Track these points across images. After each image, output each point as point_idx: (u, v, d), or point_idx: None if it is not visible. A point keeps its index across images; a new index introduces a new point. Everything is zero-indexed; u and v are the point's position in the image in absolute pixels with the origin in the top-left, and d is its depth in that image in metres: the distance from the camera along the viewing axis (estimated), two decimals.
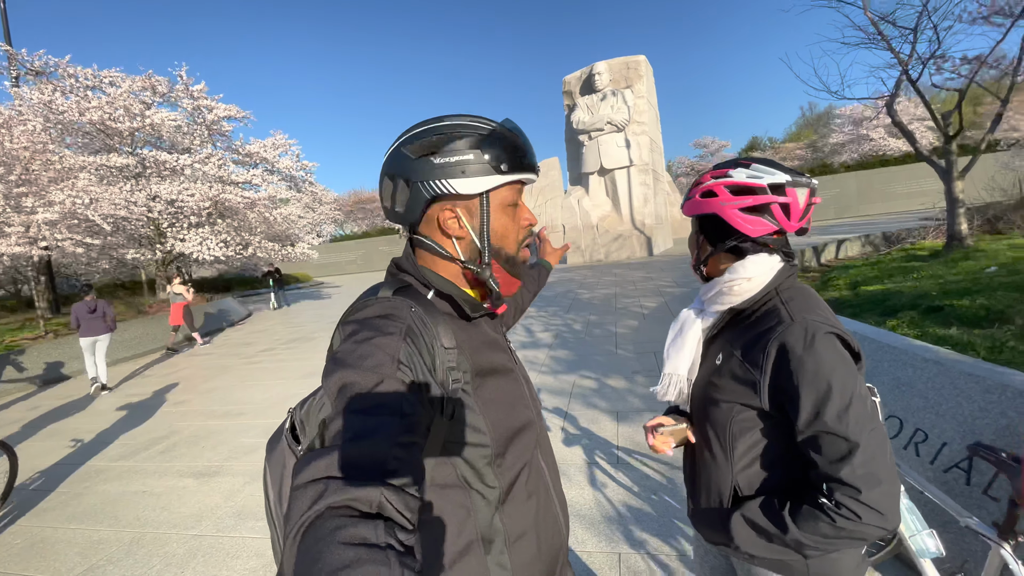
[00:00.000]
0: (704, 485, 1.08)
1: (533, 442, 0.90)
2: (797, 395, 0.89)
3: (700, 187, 1.07)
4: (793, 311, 0.95)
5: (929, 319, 3.90)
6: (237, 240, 15.42)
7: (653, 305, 8.99)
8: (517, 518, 0.84)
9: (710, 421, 1.05)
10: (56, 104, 12.18)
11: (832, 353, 0.89)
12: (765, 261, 1.02)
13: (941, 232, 8.77)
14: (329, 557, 0.46)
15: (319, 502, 0.52)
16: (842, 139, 33.12)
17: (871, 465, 0.84)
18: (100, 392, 7.49)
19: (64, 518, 3.60)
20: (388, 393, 0.65)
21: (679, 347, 1.13)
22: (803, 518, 0.89)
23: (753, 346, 0.97)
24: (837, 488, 0.85)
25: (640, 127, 19.54)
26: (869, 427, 0.86)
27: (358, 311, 0.79)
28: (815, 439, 0.89)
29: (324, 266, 37.88)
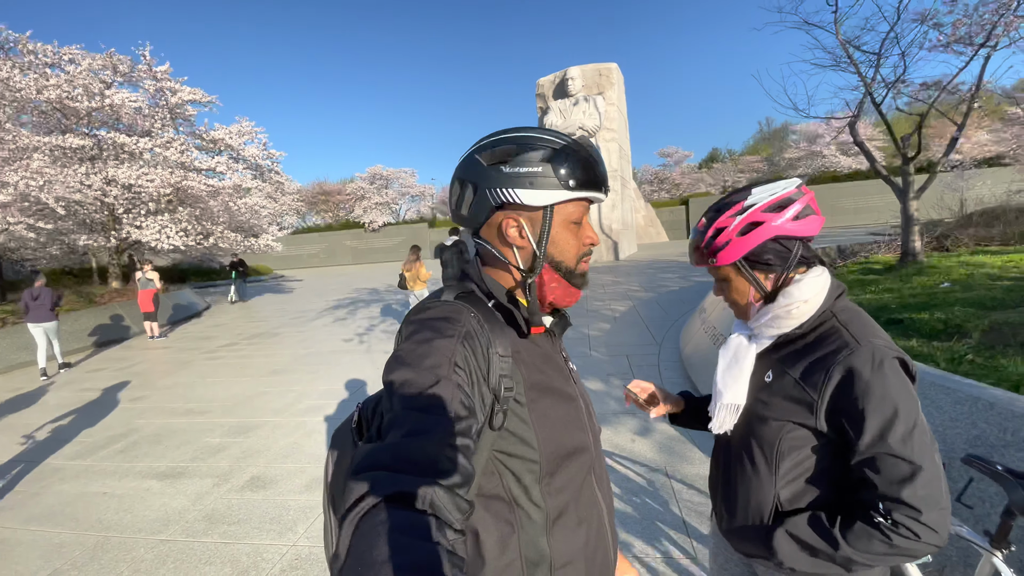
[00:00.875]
0: (743, 500, 1.09)
1: (587, 468, 0.89)
2: (862, 418, 0.91)
3: (729, 231, 1.05)
4: (857, 335, 0.97)
5: (890, 331, 4.13)
6: (198, 229, 14.80)
7: (623, 308, 9.16)
8: (565, 544, 0.83)
9: (756, 437, 1.07)
10: (14, 82, 11.37)
11: (898, 378, 0.92)
12: (817, 281, 1.04)
13: (893, 247, 9.26)
14: (383, 546, 0.49)
15: (375, 491, 0.54)
16: (797, 155, 34.76)
17: (931, 487, 0.88)
18: (59, 371, 8.09)
19: (23, 519, 3.38)
20: (443, 394, 0.67)
21: (736, 377, 1.11)
22: (856, 536, 0.92)
23: (813, 368, 0.98)
24: (896, 508, 0.88)
25: (610, 134, 19.89)
26: (931, 452, 0.90)
27: (420, 312, 0.82)
28: (875, 460, 0.91)
29: (285, 259, 36.81)
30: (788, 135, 40.50)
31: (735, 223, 1.05)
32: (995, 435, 2.04)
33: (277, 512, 3.25)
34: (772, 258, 1.05)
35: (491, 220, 0.85)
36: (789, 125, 41.08)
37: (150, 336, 10.72)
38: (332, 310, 12.92)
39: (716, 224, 1.07)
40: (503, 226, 0.84)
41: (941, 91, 6.51)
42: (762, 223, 1.03)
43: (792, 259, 1.04)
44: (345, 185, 44.93)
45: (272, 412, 5.28)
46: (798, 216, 1.02)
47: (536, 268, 0.85)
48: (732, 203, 1.07)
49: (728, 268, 1.10)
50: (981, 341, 3.45)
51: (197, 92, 15.33)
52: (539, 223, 0.84)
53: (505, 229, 0.84)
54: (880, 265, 8.20)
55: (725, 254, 1.07)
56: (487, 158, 0.82)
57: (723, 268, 1.10)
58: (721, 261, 1.08)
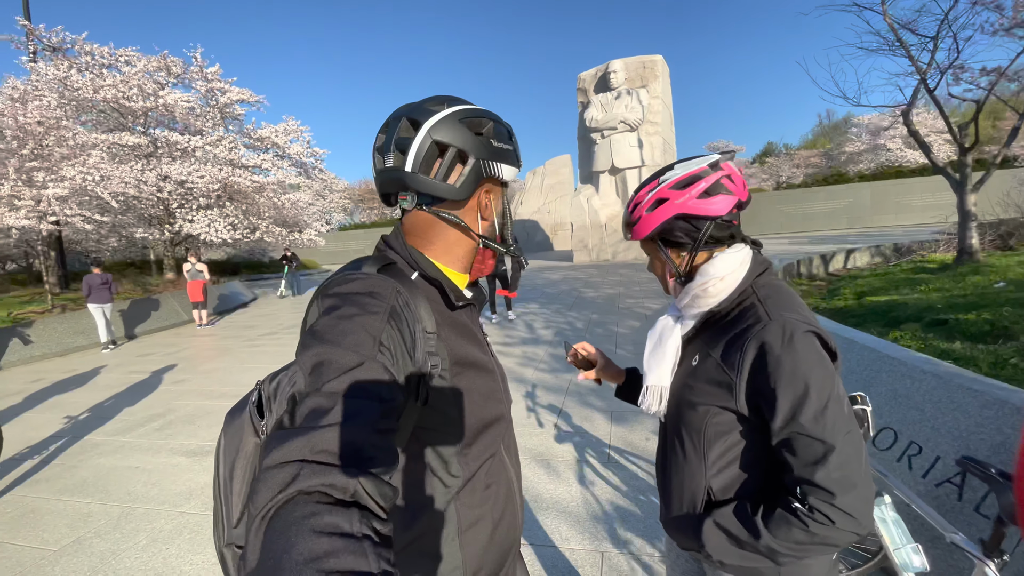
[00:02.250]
0: (676, 489, 1.05)
1: (501, 435, 0.91)
2: (774, 396, 0.86)
3: (641, 206, 1.04)
4: (770, 309, 0.92)
5: (933, 332, 3.85)
6: (245, 224, 15.48)
7: (656, 307, 8.93)
8: (472, 506, 0.84)
9: (684, 424, 1.02)
10: (71, 81, 12.25)
11: (811, 353, 0.86)
12: (735, 256, 0.99)
13: (952, 245, 8.64)
14: (301, 546, 0.43)
15: (291, 486, 0.49)
16: (858, 148, 32.77)
17: (846, 468, 0.82)
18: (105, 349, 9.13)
19: (56, 490, 3.63)
20: (367, 375, 0.62)
21: (660, 357, 1.09)
22: (776, 524, 0.87)
23: (730, 347, 0.94)
24: (811, 492, 0.83)
25: (654, 127, 19.39)
26: (845, 430, 0.84)
27: (339, 285, 0.75)
28: (790, 441, 0.86)
29: (333, 254, 37.97)
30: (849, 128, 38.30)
31: (647, 198, 1.03)
32: None
33: None
34: (682, 236, 1.02)
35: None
36: (851, 117, 38.86)
37: (198, 324, 11.30)
38: None
39: (635, 198, 1.06)
40: (480, 198, 0.86)
41: (1000, 77, 5.99)
42: (667, 200, 1.00)
43: (701, 238, 1.00)
44: None
45: None
46: (706, 193, 0.98)
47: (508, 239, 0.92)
48: (650, 179, 1.05)
49: (647, 243, 1.09)
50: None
51: (245, 92, 16.02)
52: (500, 198, 0.89)
53: (482, 201, 0.86)
54: (935, 264, 7.69)
55: (638, 228, 1.06)
56: (475, 127, 0.82)
57: (644, 243, 1.10)
58: (635, 236, 1.07)
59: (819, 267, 9.94)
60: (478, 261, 0.91)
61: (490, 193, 0.86)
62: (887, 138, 30.36)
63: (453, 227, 0.85)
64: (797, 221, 26.26)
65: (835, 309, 5.65)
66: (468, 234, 0.86)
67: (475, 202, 0.85)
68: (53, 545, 2.91)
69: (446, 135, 0.79)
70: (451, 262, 0.88)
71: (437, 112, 0.80)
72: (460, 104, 0.83)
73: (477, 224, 0.87)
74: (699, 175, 0.99)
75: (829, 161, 36.24)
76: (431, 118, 0.79)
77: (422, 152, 0.79)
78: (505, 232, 0.92)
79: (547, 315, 8.90)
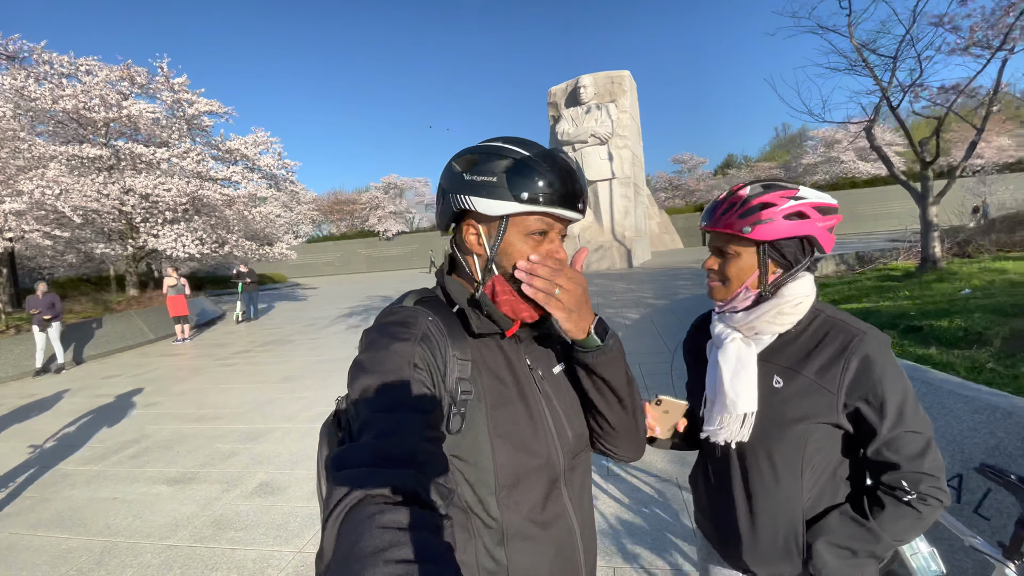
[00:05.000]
0: (766, 518, 1.04)
1: (551, 481, 0.85)
2: (883, 400, 0.94)
3: (776, 209, 1.00)
4: (853, 324, 1.00)
5: (909, 338, 4.02)
6: (213, 238, 15.03)
7: (635, 316, 9.07)
8: (524, 558, 0.80)
9: (775, 446, 1.03)
10: (29, 91, 11.70)
11: (896, 359, 0.97)
12: (809, 280, 1.05)
13: (913, 254, 9.08)
14: (368, 539, 0.50)
15: (357, 489, 0.56)
16: (814, 160, 34.38)
17: (938, 453, 0.94)
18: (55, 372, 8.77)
19: (30, 524, 3.41)
20: (409, 391, 0.70)
21: (745, 383, 1.04)
22: (890, 520, 0.95)
23: (828, 363, 0.99)
24: (922, 480, 0.92)
25: (623, 141, 19.89)
26: (928, 420, 0.96)
27: (380, 320, 0.84)
28: (897, 440, 0.94)
29: (301, 267, 37.20)
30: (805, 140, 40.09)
31: (786, 205, 1.01)
32: (1014, 444, 1.97)
33: (284, 519, 3.24)
34: (790, 254, 1.03)
35: (457, 227, 0.87)
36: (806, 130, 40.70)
37: (180, 339, 11.02)
38: (345, 317, 13.00)
39: (764, 198, 1.02)
40: (464, 232, 0.86)
41: (959, 94, 6.40)
42: (808, 218, 1.01)
43: (803, 264, 1.04)
44: (360, 194, 45.45)
45: (283, 419, 5.30)
46: (832, 230, 1.04)
47: (483, 277, 0.84)
48: (783, 186, 1.04)
49: (746, 244, 1.04)
50: (1002, 349, 3.34)
51: (214, 103, 15.63)
52: (494, 233, 0.83)
53: (465, 235, 0.85)
54: (899, 272, 8.05)
55: (764, 229, 1.00)
56: (458, 164, 0.83)
57: (741, 240, 1.04)
58: (756, 235, 1.01)
59: None
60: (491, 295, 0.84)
61: (478, 227, 0.83)
62: (840, 151, 31.96)
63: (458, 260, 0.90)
64: None
65: None
66: (460, 266, 0.89)
67: (460, 236, 0.87)
68: None
69: (442, 178, 0.86)
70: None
71: None
72: (481, 144, 0.85)
73: (472, 259, 0.86)
74: (833, 210, 1.03)
75: (787, 172, 37.81)
76: None
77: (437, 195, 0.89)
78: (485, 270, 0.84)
79: None
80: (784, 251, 1.02)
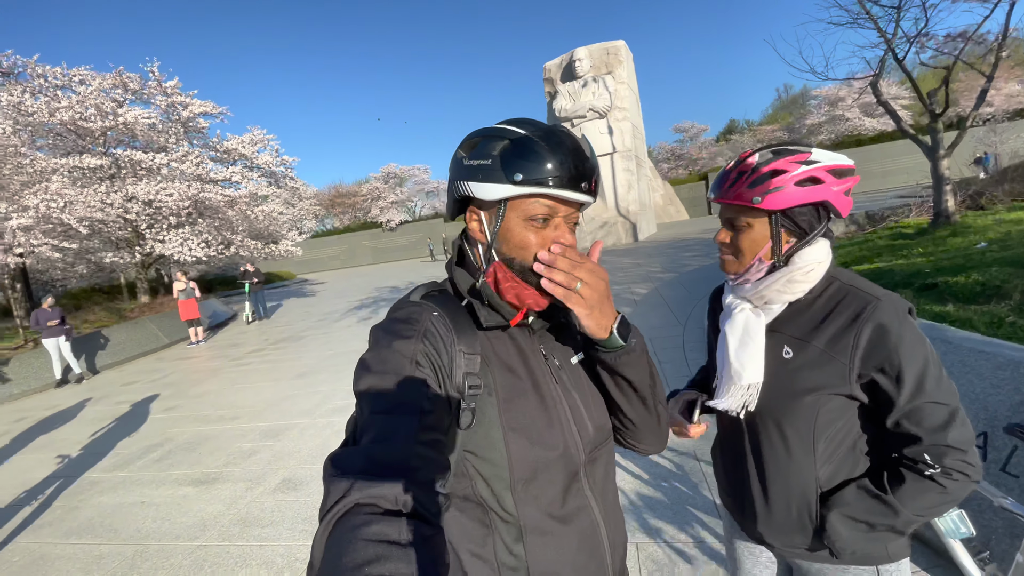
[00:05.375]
0: (779, 489, 1.03)
1: (570, 474, 0.82)
2: (899, 371, 0.89)
3: (787, 176, 0.95)
4: (869, 290, 0.96)
5: (924, 296, 3.95)
6: (219, 239, 15.09)
7: (644, 291, 9.02)
8: (545, 552, 0.78)
9: (786, 417, 1.00)
10: (25, 106, 11.70)
11: (916, 326, 0.92)
12: (824, 245, 1.01)
13: (925, 209, 8.90)
14: (352, 553, 0.49)
15: (346, 497, 0.55)
16: (818, 120, 33.65)
17: (966, 424, 0.89)
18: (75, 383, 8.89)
19: (62, 533, 3.49)
20: (407, 392, 0.69)
21: (752, 354, 1.02)
22: (910, 495, 0.91)
23: (840, 332, 0.95)
24: (947, 453, 0.88)
25: (622, 113, 19.54)
26: (954, 390, 0.91)
27: (388, 316, 0.83)
28: (917, 411, 0.90)
29: (307, 262, 37.36)
30: (808, 100, 39.18)
31: (798, 170, 0.96)
32: None
33: (309, 512, 3.29)
34: (805, 222, 0.99)
35: (465, 215, 0.84)
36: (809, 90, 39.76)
37: (194, 341, 11.17)
38: (355, 310, 13.07)
39: (774, 164, 0.97)
40: (468, 220, 0.83)
41: (966, 42, 6.17)
42: (823, 183, 0.96)
43: (819, 230, 1.00)
44: (360, 186, 45.31)
45: (300, 414, 5.36)
46: (848, 193, 0.99)
47: (484, 264, 0.81)
48: (794, 151, 0.98)
49: (758, 214, 0.99)
50: (1022, 302, 3.27)
51: (208, 104, 15.56)
52: (493, 219, 0.79)
53: (469, 223, 0.83)
54: (911, 228, 7.90)
55: (776, 198, 0.96)
56: (461, 151, 0.80)
57: (752, 211, 0.99)
58: (768, 204, 0.96)
59: None
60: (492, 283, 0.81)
61: (479, 213, 0.80)
62: (845, 108, 31.21)
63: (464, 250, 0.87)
64: None
65: None
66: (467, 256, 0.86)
67: (466, 224, 0.84)
68: None
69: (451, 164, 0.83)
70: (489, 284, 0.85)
71: None
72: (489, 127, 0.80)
73: (477, 247, 0.83)
74: (849, 171, 0.98)
75: (791, 134, 37.12)
76: None
77: None
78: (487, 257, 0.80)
79: None
80: (798, 219, 0.98)
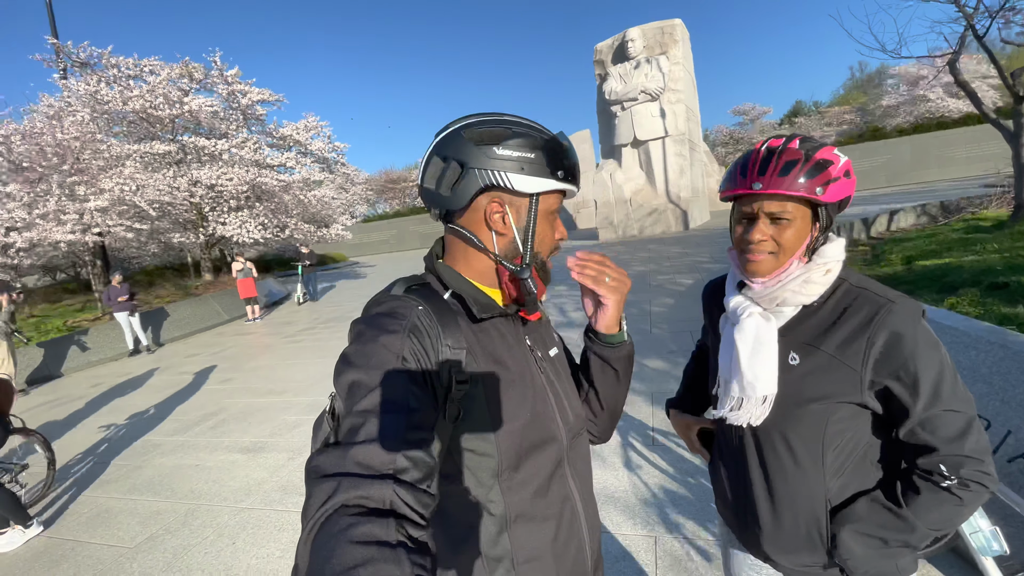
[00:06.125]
0: (786, 503, 0.97)
1: (555, 461, 0.84)
2: (915, 378, 0.85)
3: (837, 167, 0.90)
4: (881, 293, 0.90)
5: (993, 297, 3.65)
6: (274, 222, 15.81)
7: (690, 282, 8.76)
8: (528, 541, 0.80)
9: (793, 428, 0.95)
10: (101, 94, 12.61)
11: (931, 331, 0.87)
12: (840, 244, 0.95)
13: (1006, 201, 8.15)
14: (340, 555, 0.48)
15: (332, 499, 0.54)
16: (895, 101, 31.04)
17: (982, 433, 0.85)
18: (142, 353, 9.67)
19: (125, 489, 3.85)
20: (394, 389, 0.67)
21: (765, 362, 0.95)
22: (926, 508, 0.86)
23: (850, 338, 0.89)
24: (964, 463, 0.84)
25: (676, 95, 18.78)
26: (970, 398, 0.86)
27: (368, 309, 0.81)
28: (933, 420, 0.85)
29: (358, 246, 38.52)
30: (885, 80, 36.21)
31: (841, 161, 0.90)
32: None
33: None
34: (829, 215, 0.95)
35: (475, 203, 0.81)
36: (886, 68, 36.63)
37: (251, 318, 11.85)
38: None
39: (820, 155, 0.89)
40: (488, 210, 0.81)
41: None
42: (852, 177, 0.93)
43: (832, 224, 0.96)
44: (410, 172, 46.12)
45: None
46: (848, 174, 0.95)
47: (526, 257, 0.83)
48: (821, 142, 0.93)
49: (804, 205, 0.91)
50: None
51: (265, 92, 16.20)
52: (523, 211, 0.82)
53: (490, 213, 0.81)
54: (989, 221, 7.28)
55: (835, 189, 0.89)
56: (476, 137, 0.79)
57: (801, 202, 0.91)
58: (829, 196, 0.88)
59: (860, 231, 9.49)
60: (505, 281, 0.86)
61: (504, 205, 0.81)
62: (926, 88, 28.62)
63: (466, 241, 0.84)
64: None
65: (882, 276, 5.42)
66: (478, 248, 0.84)
67: (481, 214, 0.82)
68: (129, 542, 3.09)
69: (447, 148, 0.80)
70: (477, 277, 0.86)
71: (449, 128, 0.82)
72: (483, 116, 0.81)
73: (490, 239, 0.83)
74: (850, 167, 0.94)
75: (864, 117, 34.51)
76: (441, 134, 0.82)
77: (430, 166, 0.81)
78: (526, 249, 0.83)
79: (577, 297, 8.84)
80: (834, 213, 0.93)
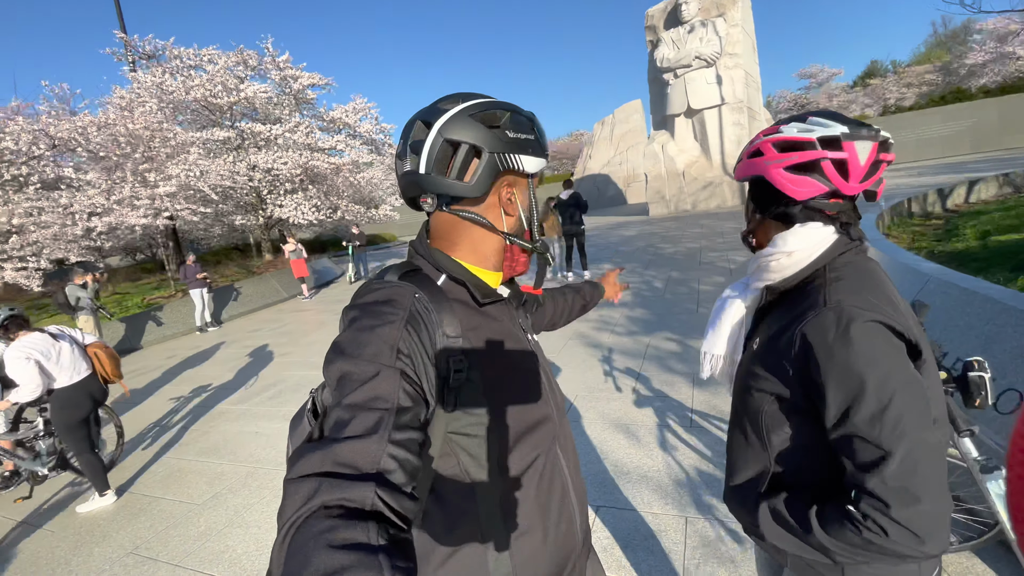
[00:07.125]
0: (740, 464, 1.00)
1: (549, 439, 0.86)
2: (823, 391, 0.78)
3: (748, 147, 0.96)
4: (830, 294, 0.82)
5: None
6: (327, 204, 16.39)
7: (742, 259, 8.42)
8: (522, 514, 0.81)
9: (745, 407, 0.97)
10: (166, 85, 13.39)
11: (870, 345, 0.75)
12: (812, 234, 0.89)
13: None
14: (318, 561, 0.46)
15: (312, 500, 0.52)
16: (982, 59, 27.96)
17: (906, 479, 0.71)
18: (208, 328, 10.23)
19: (195, 452, 4.22)
20: (386, 385, 0.64)
21: (715, 325, 1.09)
22: (829, 522, 0.80)
23: (784, 332, 0.86)
24: (864, 498, 0.75)
25: (733, 60, 17.63)
26: (913, 435, 0.72)
27: (362, 296, 0.77)
28: (845, 440, 0.78)
29: (407, 226, 39.23)
30: (970, 36, 32.66)
31: (756, 141, 0.94)
32: None
33: None
34: (759, 197, 0.96)
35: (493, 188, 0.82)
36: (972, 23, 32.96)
37: (305, 296, 12.52)
38: None
39: (757, 135, 0.97)
40: (503, 193, 0.83)
41: None
42: (762, 155, 0.91)
43: (770, 211, 0.94)
44: None
45: None
46: (796, 169, 0.87)
47: (534, 234, 0.88)
48: (781, 122, 0.93)
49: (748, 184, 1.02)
50: None
51: (315, 76, 16.65)
52: (524, 190, 0.86)
53: (505, 196, 0.83)
54: None
55: (738, 168, 1.00)
56: (488, 120, 0.78)
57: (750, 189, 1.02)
58: (735, 174, 1.01)
59: (935, 203, 8.76)
60: (508, 259, 0.88)
61: (513, 187, 0.83)
62: (1017, 44, 25.58)
63: (476, 225, 0.83)
64: (909, 149, 23.26)
65: (953, 253, 5.02)
66: (492, 231, 0.84)
67: (495, 198, 0.82)
68: (197, 499, 3.40)
69: (457, 132, 0.77)
70: (479, 261, 0.86)
71: (448, 110, 0.78)
72: (474, 99, 0.80)
73: (501, 220, 0.84)
74: (802, 144, 0.86)
75: (947, 76, 31.41)
76: (441, 117, 0.78)
77: (434, 152, 0.77)
78: (532, 227, 0.88)
79: (622, 275, 8.70)
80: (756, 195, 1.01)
